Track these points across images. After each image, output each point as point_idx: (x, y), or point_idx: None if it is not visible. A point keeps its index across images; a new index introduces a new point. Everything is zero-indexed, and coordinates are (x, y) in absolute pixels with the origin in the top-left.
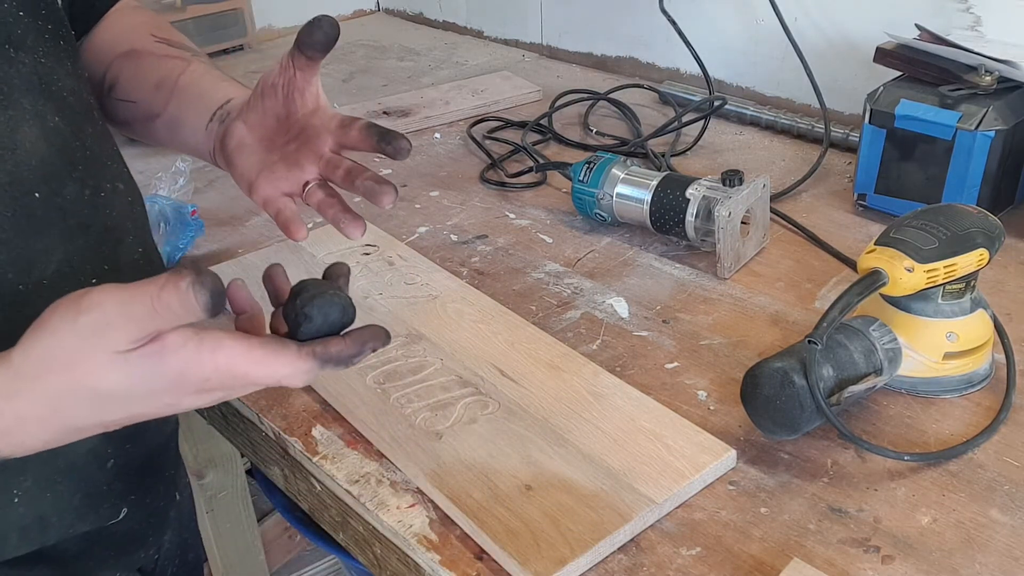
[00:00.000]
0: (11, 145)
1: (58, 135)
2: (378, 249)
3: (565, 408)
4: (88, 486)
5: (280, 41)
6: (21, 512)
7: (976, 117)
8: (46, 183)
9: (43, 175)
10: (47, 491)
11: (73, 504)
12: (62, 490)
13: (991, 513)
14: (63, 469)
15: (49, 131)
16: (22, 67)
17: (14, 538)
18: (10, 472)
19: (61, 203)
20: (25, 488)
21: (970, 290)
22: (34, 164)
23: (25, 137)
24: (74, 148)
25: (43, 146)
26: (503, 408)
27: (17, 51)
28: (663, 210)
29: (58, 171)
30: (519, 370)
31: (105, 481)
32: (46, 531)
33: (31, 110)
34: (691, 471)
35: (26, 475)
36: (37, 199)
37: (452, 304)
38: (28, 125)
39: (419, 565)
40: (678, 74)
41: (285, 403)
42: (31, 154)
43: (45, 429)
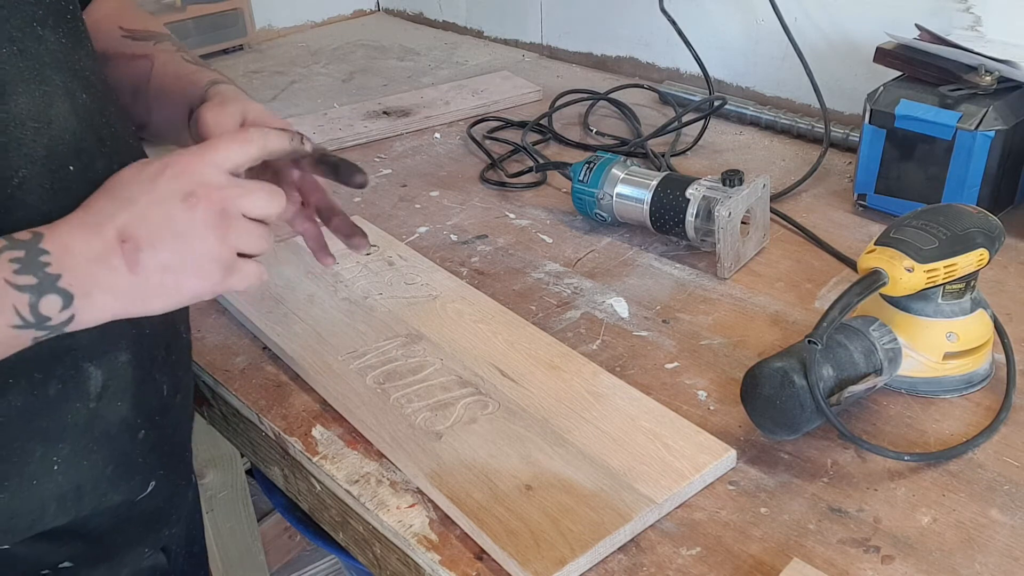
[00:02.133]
0: (46, 119)
1: (86, 111)
2: (378, 249)
3: (565, 408)
4: (120, 456)
5: (280, 41)
6: (59, 480)
7: (976, 117)
8: (78, 157)
9: (75, 149)
10: (84, 459)
11: (106, 474)
12: (97, 459)
13: (991, 513)
14: (98, 438)
15: (79, 107)
16: (49, 44)
17: (52, 507)
18: (51, 440)
19: (92, 177)
20: (64, 456)
21: (970, 290)
22: (67, 139)
23: (58, 112)
24: (101, 124)
25: (74, 121)
26: (503, 408)
27: (43, 29)
28: (663, 210)
29: (89, 146)
30: (519, 370)
31: (136, 453)
32: (81, 500)
33: (62, 86)
34: (691, 471)
35: (65, 443)
36: (72, 172)
37: (452, 304)
38: (60, 101)
39: (419, 565)
40: (678, 74)
41: (285, 403)
42: (64, 129)
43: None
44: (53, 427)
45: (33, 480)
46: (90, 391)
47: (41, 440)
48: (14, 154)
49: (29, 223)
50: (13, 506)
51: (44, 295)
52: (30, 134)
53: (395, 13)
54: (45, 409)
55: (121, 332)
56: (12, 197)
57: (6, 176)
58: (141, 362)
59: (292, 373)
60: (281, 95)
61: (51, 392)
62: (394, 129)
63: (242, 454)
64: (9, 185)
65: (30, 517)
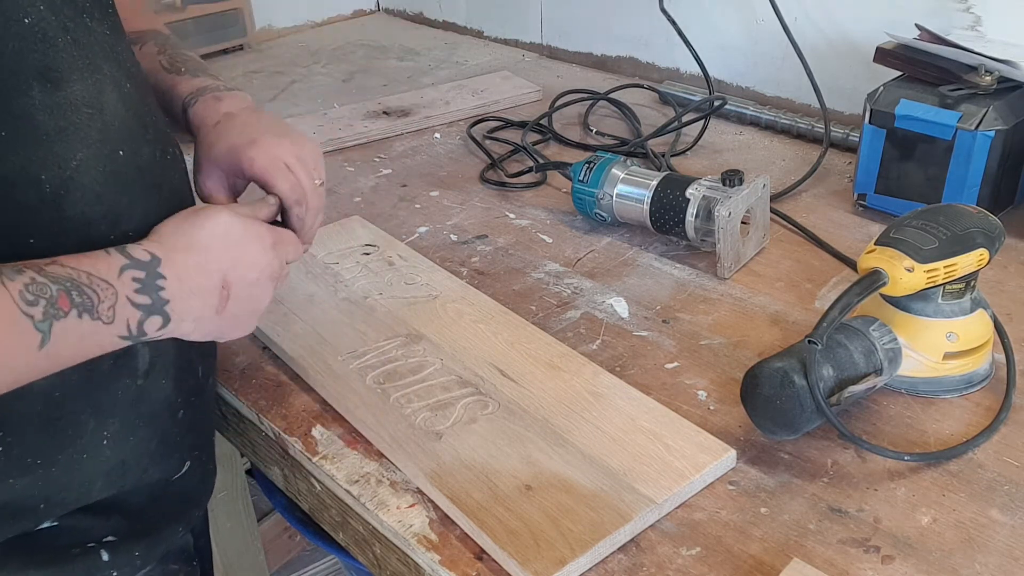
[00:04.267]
0: (99, 106)
1: (131, 99)
2: (378, 249)
3: (565, 408)
4: (162, 434)
5: (280, 41)
6: (107, 455)
7: (976, 117)
8: (126, 144)
9: (124, 136)
10: (130, 435)
11: (149, 450)
12: (142, 435)
13: (991, 513)
14: (144, 415)
15: (125, 95)
16: (97, 35)
17: (100, 482)
18: (103, 414)
19: (139, 163)
20: (113, 431)
21: (970, 290)
22: (117, 125)
23: (108, 99)
24: (144, 112)
25: (122, 109)
26: (503, 408)
27: (91, 21)
28: (663, 210)
29: (135, 133)
30: (519, 370)
31: (175, 431)
32: (125, 475)
33: (109, 75)
34: (691, 471)
35: (115, 418)
36: (121, 156)
37: (452, 304)
38: (109, 89)
39: (419, 565)
40: (678, 74)
41: (285, 403)
42: (114, 115)
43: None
44: (105, 402)
45: (84, 454)
46: (139, 368)
47: (94, 414)
48: (72, 138)
49: (85, 204)
50: (63, 480)
51: (152, 315)
52: (85, 119)
53: (395, 13)
54: (99, 384)
55: None
56: (72, 179)
57: (66, 158)
58: (181, 342)
59: (292, 373)
60: (281, 95)
61: (104, 368)
62: (394, 129)
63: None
64: (68, 167)
65: (78, 491)
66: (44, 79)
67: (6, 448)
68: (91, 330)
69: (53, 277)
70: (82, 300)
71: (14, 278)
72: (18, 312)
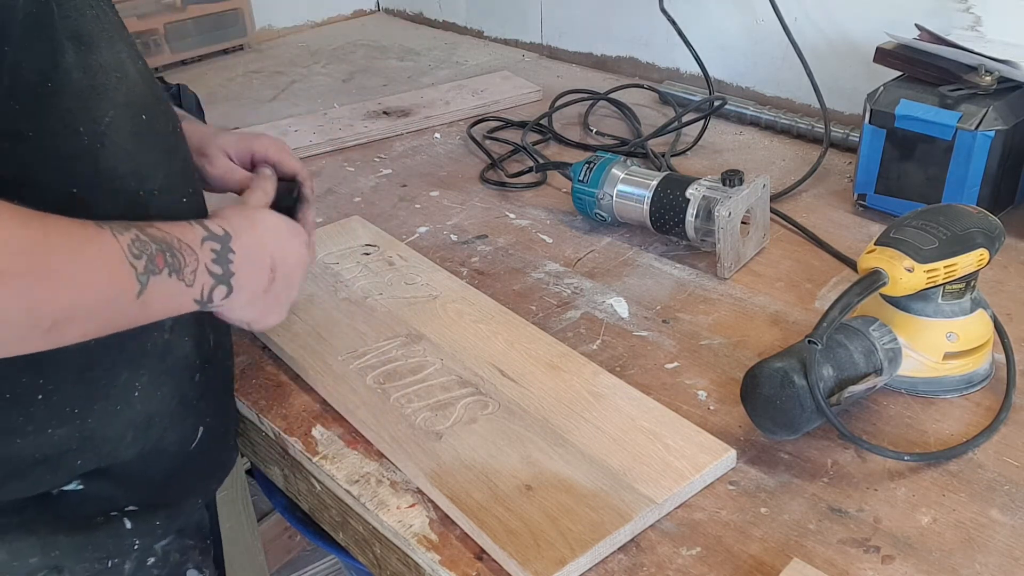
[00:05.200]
0: (124, 73)
1: (146, 75)
2: (378, 249)
3: (565, 408)
4: (182, 393)
5: (280, 41)
6: (138, 409)
7: (976, 117)
8: (145, 109)
9: (143, 104)
10: (157, 390)
11: (170, 408)
12: (166, 392)
13: (991, 513)
14: (169, 369)
15: (139, 69)
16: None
17: (130, 435)
18: (134, 366)
19: (156, 128)
20: (143, 384)
21: (970, 290)
22: (138, 92)
23: (129, 70)
24: (156, 88)
25: (140, 81)
26: (503, 408)
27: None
28: (663, 210)
29: (151, 103)
30: (519, 370)
31: (193, 394)
32: (149, 431)
33: (127, 51)
34: (691, 471)
35: (144, 370)
36: (144, 121)
37: (452, 304)
38: (129, 62)
39: (419, 565)
40: (678, 74)
41: (285, 403)
42: (136, 84)
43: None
44: (136, 353)
45: (117, 404)
46: (165, 321)
47: (126, 365)
48: (103, 98)
49: (116, 159)
50: (99, 430)
51: (220, 284)
52: (113, 82)
53: (395, 13)
54: (131, 335)
55: None
56: (104, 134)
57: (99, 115)
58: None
59: (292, 373)
60: (281, 95)
61: None
62: (394, 129)
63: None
64: (102, 123)
65: (112, 444)
66: (77, 42)
67: (46, 396)
68: (177, 290)
69: (152, 237)
70: (173, 261)
71: (123, 232)
72: (126, 262)
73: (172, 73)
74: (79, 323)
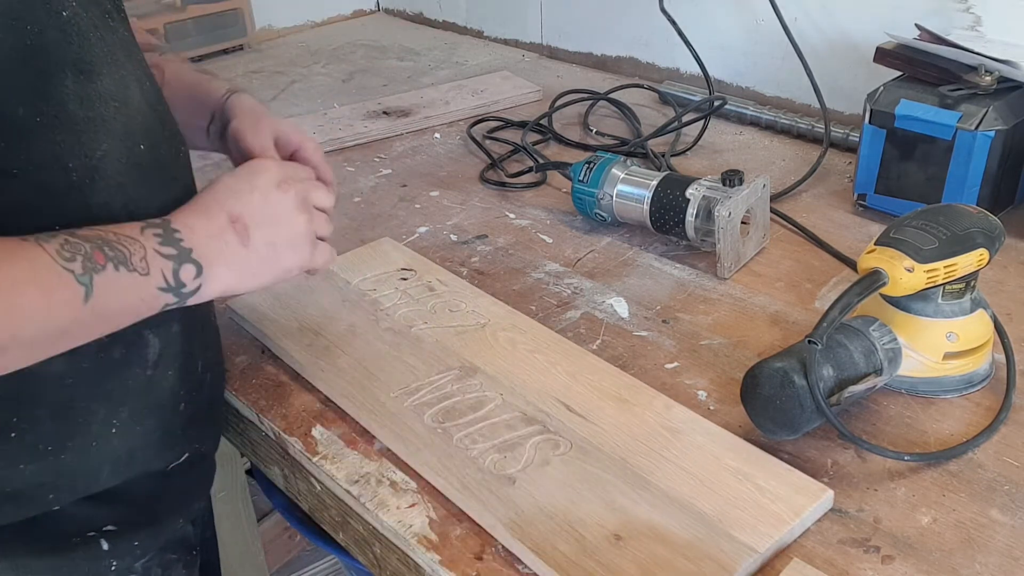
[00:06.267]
0: (124, 100)
1: (151, 97)
2: (415, 274)
3: (642, 446)
4: (166, 425)
5: (280, 41)
6: (115, 444)
7: (976, 117)
8: (146, 137)
9: (145, 129)
10: (138, 424)
11: (154, 440)
12: (149, 425)
13: (991, 513)
14: (151, 405)
15: (146, 92)
16: (119, 35)
17: (107, 470)
18: (113, 403)
19: (157, 157)
20: (122, 420)
21: (970, 290)
22: (139, 119)
23: (132, 95)
24: (163, 112)
25: (144, 105)
26: (576, 448)
27: (114, 21)
28: (663, 210)
29: (154, 128)
30: (586, 405)
31: (178, 423)
32: (131, 464)
33: (132, 73)
34: (790, 515)
35: (125, 407)
36: (142, 150)
37: (503, 332)
38: (133, 86)
39: (419, 565)
40: (678, 74)
41: (285, 403)
42: (137, 110)
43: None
44: (116, 391)
45: (93, 442)
46: (148, 358)
47: (105, 402)
48: (100, 129)
49: (108, 193)
50: (73, 466)
51: (183, 264)
52: (112, 112)
53: (395, 13)
54: (110, 373)
55: None
56: (96, 168)
57: (92, 148)
58: (188, 334)
59: (292, 373)
60: (281, 95)
61: (116, 356)
62: (394, 129)
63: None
64: (94, 156)
65: (87, 478)
66: (78, 70)
67: (19, 434)
68: (131, 283)
69: (84, 237)
70: (115, 254)
71: (49, 240)
72: (58, 267)
73: None
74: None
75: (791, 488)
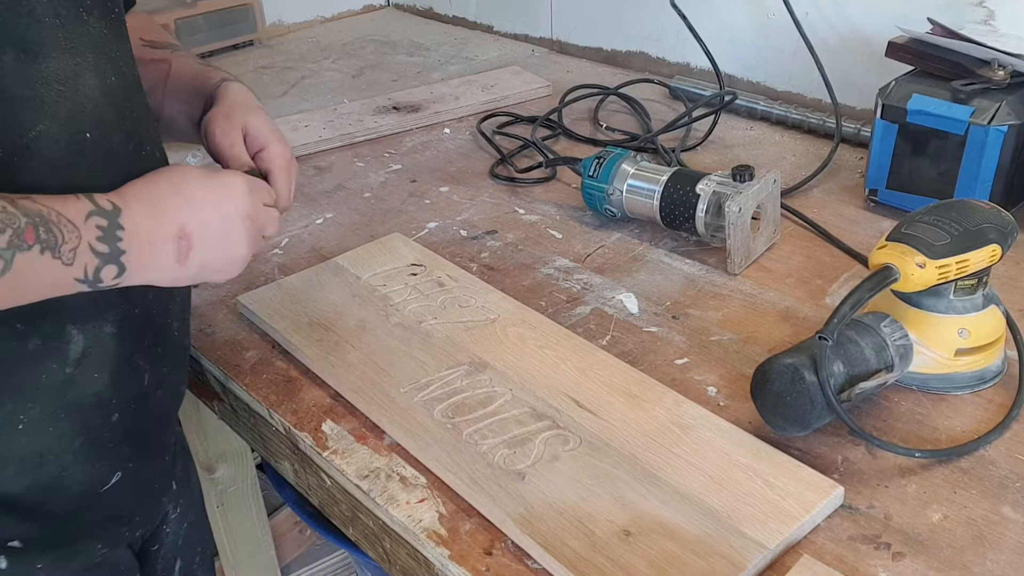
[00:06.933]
0: (73, 87)
1: (113, 91)
2: (425, 269)
3: (652, 442)
4: (90, 432)
5: (290, 36)
6: (23, 441)
7: (989, 112)
8: (97, 128)
9: (96, 119)
10: (51, 425)
11: (73, 447)
12: (65, 428)
13: (1003, 510)
14: (69, 406)
15: (107, 86)
16: (91, 29)
17: (11, 467)
18: (22, 397)
19: (108, 147)
20: (31, 417)
21: (982, 286)
22: (89, 108)
23: (85, 84)
24: (124, 106)
25: (99, 96)
26: (585, 443)
27: (88, 16)
28: (673, 205)
29: (109, 120)
30: (596, 400)
31: (107, 434)
32: (42, 467)
33: (94, 64)
34: (800, 511)
35: (36, 403)
36: (88, 138)
37: (513, 328)
38: (90, 75)
39: (429, 560)
40: (688, 69)
41: (295, 398)
42: (88, 99)
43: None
44: (27, 384)
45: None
46: (69, 355)
47: (11, 395)
48: (38, 109)
49: (41, 174)
50: None
51: (108, 264)
52: (55, 95)
53: (405, 8)
54: (21, 364)
55: (110, 303)
56: (28, 148)
57: (26, 127)
58: (125, 340)
59: (303, 368)
60: (291, 91)
61: (30, 347)
62: (404, 124)
63: (252, 449)
64: (27, 136)
65: None
66: (19, 49)
67: None
68: (50, 267)
69: (24, 210)
70: (48, 237)
71: None
72: None
73: None
74: None
75: (801, 484)
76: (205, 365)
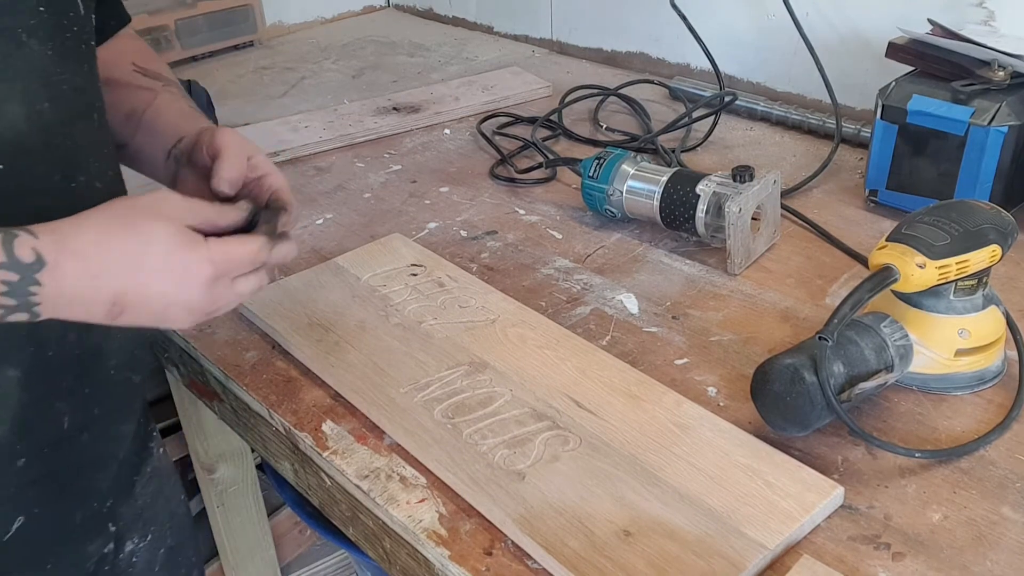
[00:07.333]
0: None
1: (44, 119)
2: (425, 269)
3: (652, 442)
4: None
5: (290, 37)
6: None
7: (989, 112)
8: (15, 158)
9: (14, 150)
10: None
11: None
12: None
13: (1002, 510)
14: None
15: (34, 113)
16: (28, 52)
17: None
18: None
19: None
20: None
21: (982, 286)
22: (8, 137)
23: (7, 111)
24: (57, 135)
25: (23, 124)
26: (585, 444)
27: (29, 38)
28: (673, 206)
29: (32, 150)
30: (595, 400)
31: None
32: None
33: (22, 91)
34: (800, 512)
35: None
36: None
37: (513, 328)
38: (14, 102)
39: (429, 560)
40: (688, 69)
41: (295, 398)
42: (8, 128)
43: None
44: None
45: None
46: None
47: None
48: None
49: None
50: None
51: (16, 314)
52: None
53: (405, 9)
54: None
55: (14, 345)
56: None
57: None
58: (33, 384)
59: (302, 368)
60: (291, 91)
61: None
62: (404, 125)
63: (252, 449)
64: None
65: None
66: None
67: None
68: None
69: None
70: None
71: None
72: None
73: (182, 69)
74: None
75: (801, 485)
76: (205, 365)
